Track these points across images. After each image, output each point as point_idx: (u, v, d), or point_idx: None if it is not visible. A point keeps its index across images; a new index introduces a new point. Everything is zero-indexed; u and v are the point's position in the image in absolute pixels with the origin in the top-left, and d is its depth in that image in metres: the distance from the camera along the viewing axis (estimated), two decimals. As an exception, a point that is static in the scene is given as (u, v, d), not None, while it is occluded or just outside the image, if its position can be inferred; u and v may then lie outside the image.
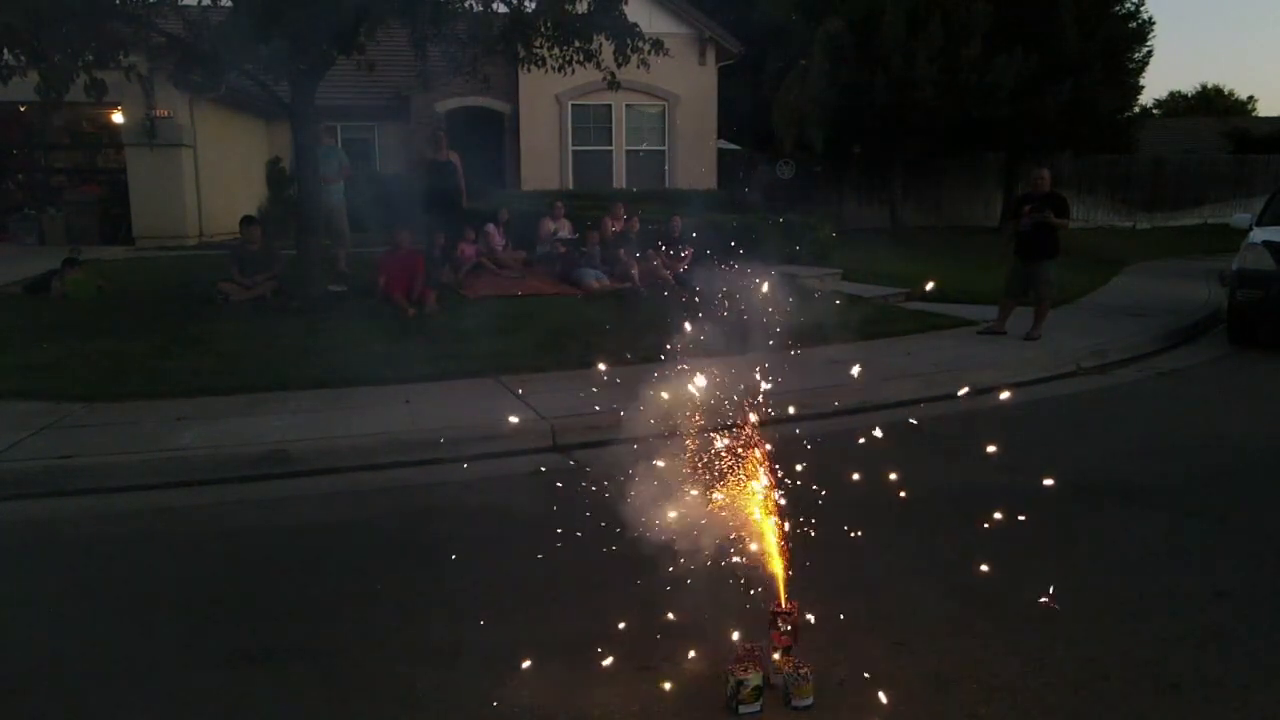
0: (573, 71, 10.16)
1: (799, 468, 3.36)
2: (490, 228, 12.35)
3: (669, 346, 4.15)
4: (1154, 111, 44.55)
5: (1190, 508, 4.67)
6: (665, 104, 19.62)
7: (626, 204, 13.37)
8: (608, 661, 3.05)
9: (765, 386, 3.32)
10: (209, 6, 8.91)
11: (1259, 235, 9.58)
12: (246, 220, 10.64)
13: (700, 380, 3.32)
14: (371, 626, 3.38)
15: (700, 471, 3.21)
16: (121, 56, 8.46)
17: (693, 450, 3.38)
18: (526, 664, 3.06)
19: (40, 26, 7.45)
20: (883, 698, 2.85)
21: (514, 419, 6.05)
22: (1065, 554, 4.07)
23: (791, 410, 6.57)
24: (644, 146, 19.86)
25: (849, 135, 20.16)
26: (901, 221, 21.13)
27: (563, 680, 2.97)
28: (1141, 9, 21.49)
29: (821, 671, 2.90)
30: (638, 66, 10.01)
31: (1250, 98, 56.91)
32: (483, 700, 2.86)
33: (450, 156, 12.00)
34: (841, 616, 3.35)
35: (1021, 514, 4.65)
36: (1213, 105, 49.35)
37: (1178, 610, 3.48)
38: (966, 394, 7.30)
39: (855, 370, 5.44)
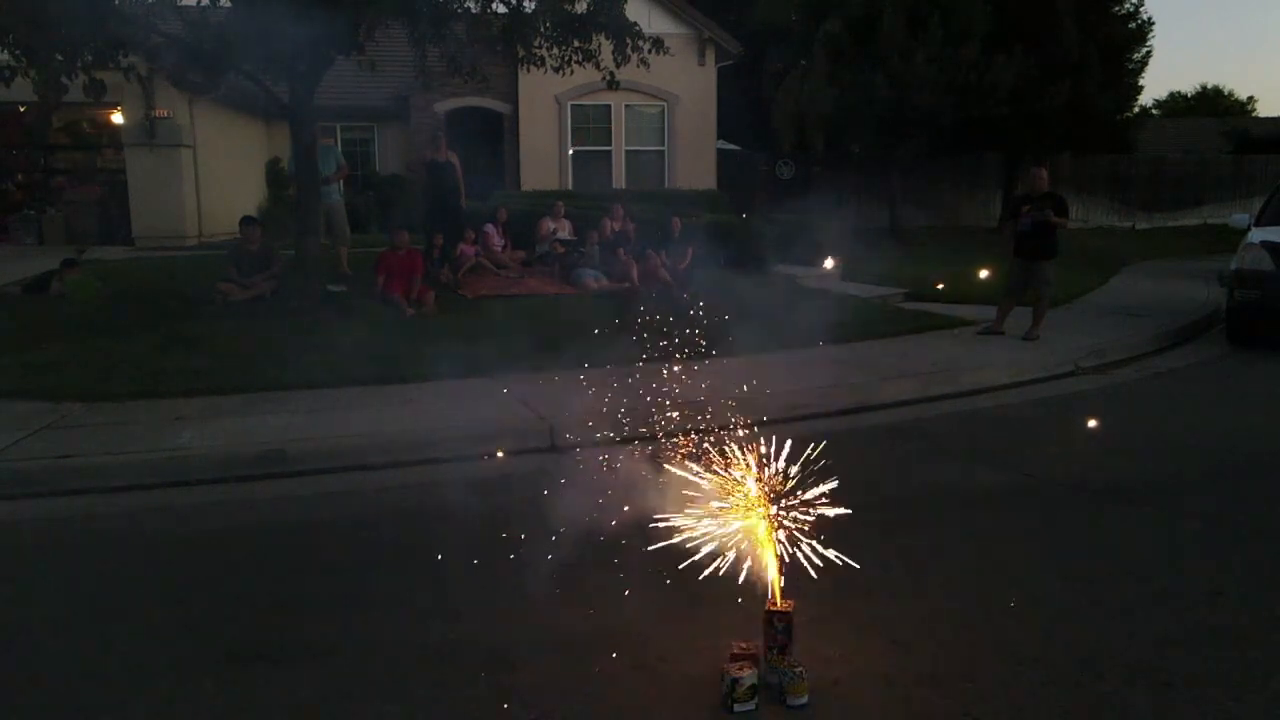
0: (571, 71, 10.17)
1: (796, 467, 3.36)
2: (489, 228, 12.37)
3: (668, 347, 4.16)
4: (1154, 111, 44.54)
5: (1187, 507, 4.68)
6: (665, 104, 19.63)
7: (625, 205, 13.38)
8: (605, 660, 3.06)
9: (763, 387, 3.33)
10: (208, 7, 8.91)
11: (1257, 235, 9.59)
12: (246, 220, 10.64)
13: (697, 381, 3.33)
14: (371, 626, 3.38)
15: (697, 471, 3.21)
16: (121, 57, 8.46)
17: (690, 450, 3.38)
18: (525, 663, 3.07)
19: (37, 28, 7.46)
20: (877, 697, 2.86)
21: (512, 419, 6.06)
22: (1062, 553, 4.08)
23: (789, 410, 6.59)
24: (643, 147, 19.88)
25: (849, 135, 20.15)
26: (901, 221, 21.12)
27: (561, 679, 2.98)
28: (1141, 9, 21.53)
29: (816, 671, 2.91)
30: (637, 66, 10.02)
31: (1250, 98, 56.86)
32: (482, 700, 2.87)
33: (450, 157, 12.02)
34: (837, 616, 3.36)
35: (1018, 513, 4.67)
36: (1213, 105, 49.30)
37: (1173, 609, 3.48)
38: (965, 394, 7.31)
39: (852, 370, 5.45)
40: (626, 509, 3.98)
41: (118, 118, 15.75)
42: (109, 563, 4.09)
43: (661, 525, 3.09)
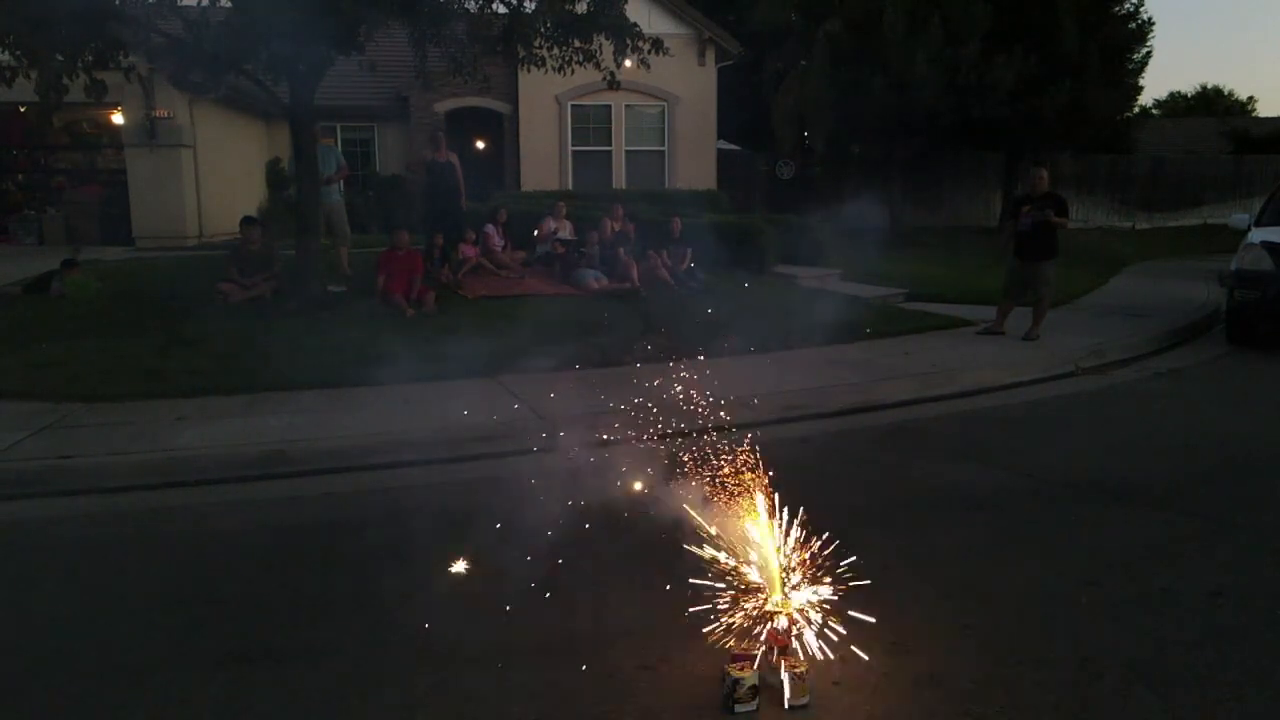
0: (572, 72, 10.18)
1: (797, 468, 3.37)
2: (489, 228, 12.37)
3: (668, 348, 4.16)
4: (1154, 111, 44.57)
5: (1188, 508, 4.68)
6: (665, 104, 19.64)
7: (625, 205, 13.38)
8: (605, 660, 3.06)
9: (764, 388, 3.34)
10: (208, 7, 8.92)
11: (1257, 235, 9.59)
12: (246, 221, 10.65)
13: (697, 381, 3.34)
14: (371, 626, 3.38)
15: (698, 472, 3.22)
16: (121, 57, 8.47)
17: (690, 451, 3.39)
18: (525, 664, 3.07)
19: (38, 28, 7.46)
20: (877, 697, 2.86)
21: (513, 419, 6.07)
22: (1062, 553, 4.08)
23: (788, 410, 6.60)
24: (643, 147, 19.89)
25: (849, 135, 20.16)
26: (901, 221, 21.11)
27: (561, 679, 2.98)
28: (1141, 9, 21.48)
29: (817, 671, 2.91)
30: (637, 66, 10.02)
31: (1250, 98, 56.88)
32: (482, 700, 2.87)
33: (449, 157, 12.02)
34: (838, 616, 3.36)
35: (1019, 513, 4.67)
36: (1213, 105, 49.32)
37: (1173, 610, 3.48)
38: (965, 394, 7.31)
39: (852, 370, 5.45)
40: (627, 508, 3.98)
41: (118, 118, 15.75)
42: (109, 563, 4.09)
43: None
